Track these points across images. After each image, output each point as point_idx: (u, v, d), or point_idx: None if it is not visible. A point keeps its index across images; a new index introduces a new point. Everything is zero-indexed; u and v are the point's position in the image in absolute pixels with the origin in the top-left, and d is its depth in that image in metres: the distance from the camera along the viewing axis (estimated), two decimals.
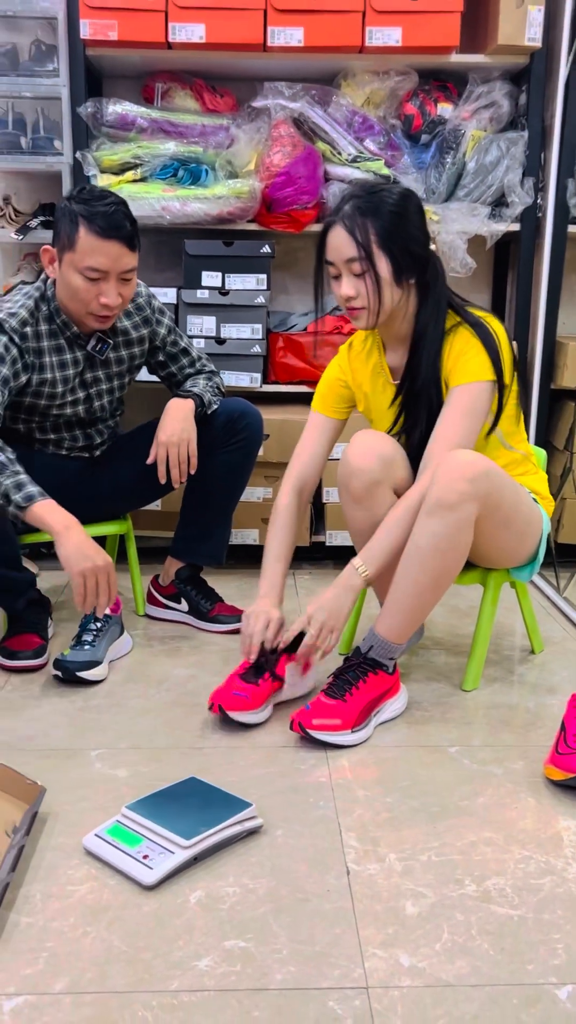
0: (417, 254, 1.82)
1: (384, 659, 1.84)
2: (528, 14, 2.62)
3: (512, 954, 1.21)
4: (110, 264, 2.01)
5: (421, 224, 1.83)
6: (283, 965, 1.19)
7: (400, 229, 1.79)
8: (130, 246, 2.03)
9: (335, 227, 1.80)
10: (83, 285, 2.02)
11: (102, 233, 1.98)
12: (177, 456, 2.18)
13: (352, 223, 1.77)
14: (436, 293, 1.86)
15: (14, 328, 2.06)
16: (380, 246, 1.78)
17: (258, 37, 2.62)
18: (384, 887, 1.35)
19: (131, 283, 2.09)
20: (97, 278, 2.02)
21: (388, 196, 1.79)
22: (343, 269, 1.81)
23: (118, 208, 2.02)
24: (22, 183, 3.03)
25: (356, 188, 1.83)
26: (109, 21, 2.60)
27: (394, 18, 2.61)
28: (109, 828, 1.45)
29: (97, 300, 2.04)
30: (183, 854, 1.37)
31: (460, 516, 1.75)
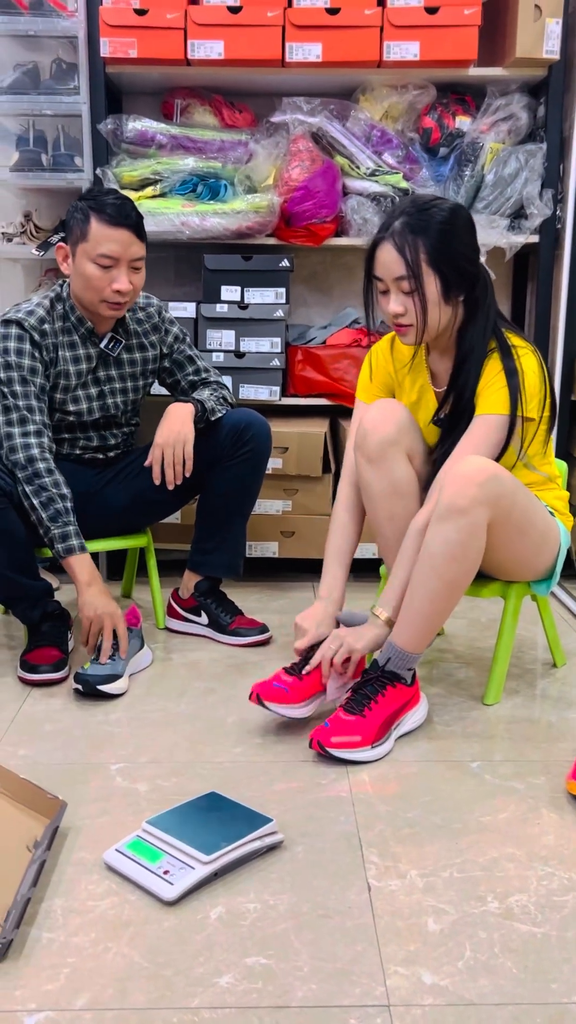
0: (466, 271, 1.82)
1: (402, 670, 1.83)
2: (546, 26, 2.62)
3: (536, 972, 1.20)
4: (121, 251, 2.11)
5: (471, 240, 1.84)
6: (304, 982, 1.18)
7: (450, 246, 1.79)
8: (138, 235, 2.15)
9: (384, 244, 1.81)
10: (97, 273, 2.13)
11: (112, 221, 2.10)
12: (172, 457, 2.20)
13: (402, 241, 1.78)
14: (485, 309, 1.87)
15: (33, 326, 2.17)
16: (430, 264, 1.78)
17: (276, 53, 2.63)
18: (406, 903, 1.34)
19: (141, 273, 2.18)
20: (109, 265, 2.12)
21: (438, 212, 1.79)
22: (392, 286, 1.82)
23: (125, 201, 2.14)
24: (43, 200, 3.06)
25: (406, 203, 1.83)
26: (129, 39, 2.62)
27: (412, 32, 2.62)
28: (129, 843, 1.45)
29: (110, 287, 2.13)
30: (203, 870, 1.37)
31: (472, 521, 1.74)
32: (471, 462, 1.76)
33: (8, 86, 2.74)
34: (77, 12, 2.66)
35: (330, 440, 2.84)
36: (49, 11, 2.67)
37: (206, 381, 2.42)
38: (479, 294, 1.85)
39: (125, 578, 2.78)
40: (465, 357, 1.88)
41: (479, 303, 1.86)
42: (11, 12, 2.67)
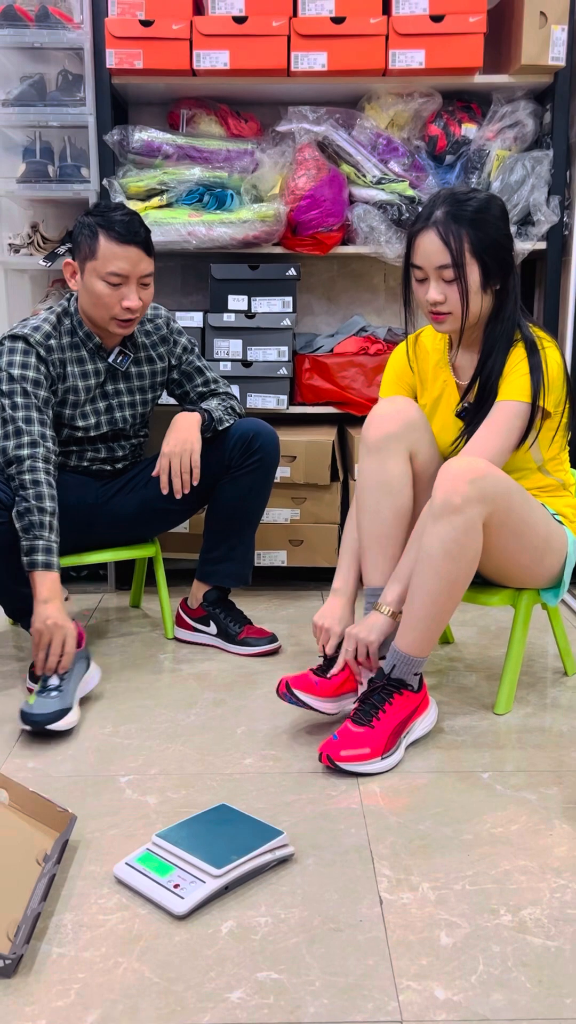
0: (505, 260, 1.86)
1: (408, 676, 1.82)
2: (551, 34, 2.62)
3: (550, 987, 1.19)
4: (130, 268, 2.11)
5: (508, 229, 1.88)
6: (316, 997, 1.17)
7: (491, 236, 1.83)
8: (147, 251, 2.14)
9: (427, 232, 1.83)
10: (106, 291, 2.12)
11: (121, 239, 2.09)
12: (179, 466, 2.20)
13: (447, 230, 1.81)
14: (512, 301, 1.89)
15: (39, 342, 2.16)
16: (473, 253, 1.82)
17: (282, 62, 2.64)
18: (418, 917, 1.33)
19: (149, 289, 2.18)
20: (119, 283, 2.12)
21: (479, 203, 1.83)
22: (432, 274, 1.84)
23: (133, 217, 2.13)
24: (50, 211, 3.07)
25: (445, 194, 1.85)
26: (134, 50, 2.63)
27: (417, 41, 2.62)
28: (140, 856, 1.44)
29: (120, 304, 2.13)
30: (214, 884, 1.36)
31: (466, 518, 1.74)
32: (464, 461, 1.78)
33: (15, 98, 2.74)
34: (83, 24, 2.67)
35: (338, 448, 2.83)
36: (55, 23, 2.68)
37: (215, 392, 2.42)
38: (512, 284, 1.88)
39: (133, 588, 2.78)
40: (492, 347, 1.89)
41: (509, 293, 1.89)
42: (17, 24, 2.68)
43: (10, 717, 2.01)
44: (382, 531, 1.92)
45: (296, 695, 1.85)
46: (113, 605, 2.81)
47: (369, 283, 3.16)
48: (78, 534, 2.32)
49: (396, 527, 1.93)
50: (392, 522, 1.92)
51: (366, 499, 1.94)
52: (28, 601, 2.16)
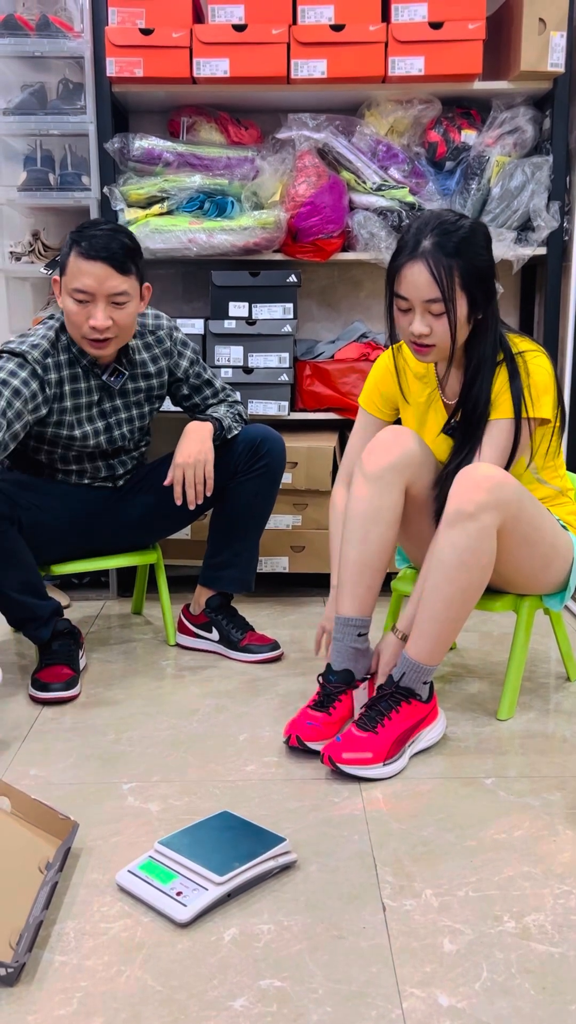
0: (490, 289, 1.82)
1: (417, 685, 1.82)
2: (551, 40, 2.63)
3: (554, 994, 1.19)
4: (95, 285, 2.03)
5: (492, 256, 1.83)
6: (319, 1005, 1.17)
7: (479, 267, 1.78)
8: (118, 268, 2.04)
9: (415, 264, 1.75)
10: (74, 308, 2.06)
11: (86, 254, 2.02)
12: (193, 477, 2.19)
13: (437, 264, 1.74)
14: (494, 322, 1.86)
15: (37, 359, 2.10)
16: (462, 287, 1.77)
17: (281, 70, 2.64)
18: (421, 923, 1.33)
19: (125, 308, 2.09)
20: (85, 300, 2.05)
21: (465, 232, 1.77)
22: (418, 307, 1.79)
23: (109, 233, 2.05)
24: (51, 219, 3.08)
25: (431, 221, 1.78)
26: (135, 59, 2.64)
27: (416, 48, 2.63)
28: (142, 864, 1.44)
29: (87, 323, 2.06)
30: (217, 891, 1.36)
31: (480, 526, 1.74)
32: (478, 469, 1.77)
33: (16, 106, 2.75)
34: (83, 33, 2.68)
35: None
36: (56, 32, 2.69)
37: (223, 400, 2.41)
38: (493, 308, 1.85)
39: (135, 595, 2.78)
40: (477, 370, 1.87)
41: (491, 318, 1.86)
42: (18, 33, 2.69)
43: (12, 724, 2.01)
44: (366, 561, 1.90)
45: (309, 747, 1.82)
46: (115, 612, 2.81)
47: (369, 289, 3.16)
48: (81, 540, 2.32)
49: (380, 558, 1.91)
50: (378, 553, 1.90)
51: (355, 527, 1.90)
52: (30, 611, 2.16)
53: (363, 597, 1.91)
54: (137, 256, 2.10)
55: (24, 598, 2.13)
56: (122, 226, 2.12)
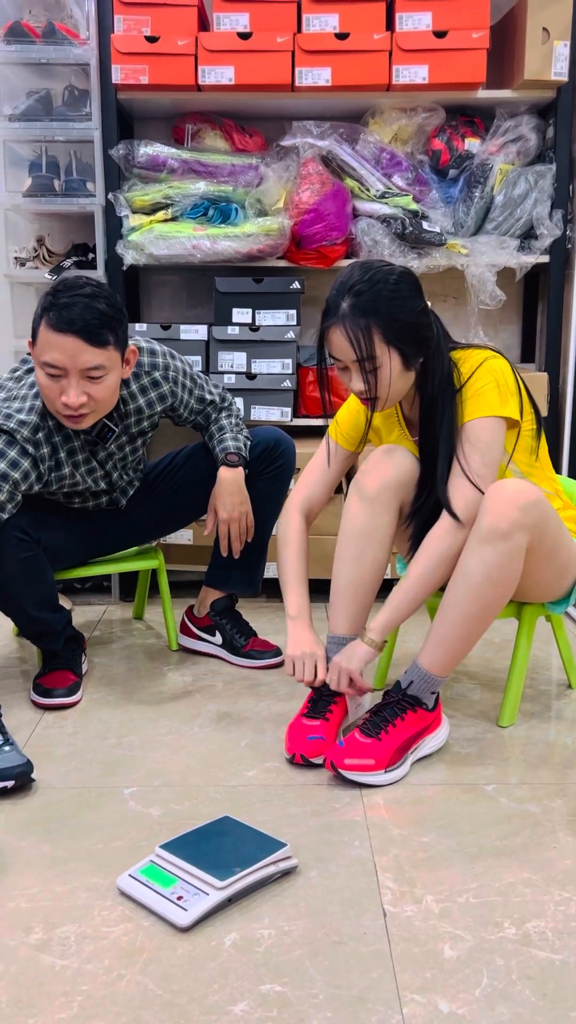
0: (423, 336, 1.76)
1: (424, 694, 1.82)
2: (554, 49, 2.64)
3: (555, 1000, 1.19)
4: (65, 360, 1.85)
5: (421, 305, 1.76)
6: (319, 1010, 1.17)
7: (404, 320, 1.72)
8: (92, 341, 1.84)
9: (336, 329, 1.72)
10: (45, 382, 1.89)
11: (55, 326, 1.83)
12: (238, 530, 2.24)
13: (354, 327, 1.69)
14: (439, 359, 1.80)
15: (27, 438, 1.96)
16: (386, 343, 1.71)
17: (286, 78, 2.66)
18: (421, 929, 1.33)
19: (103, 382, 1.90)
20: (57, 375, 1.87)
21: (387, 288, 1.71)
22: (351, 366, 1.75)
23: (81, 300, 1.84)
24: (56, 224, 3.09)
25: (349, 279, 1.72)
26: (140, 66, 2.65)
27: (420, 56, 2.64)
28: (143, 868, 1.44)
29: (60, 399, 1.89)
30: (217, 896, 1.36)
31: (512, 545, 1.72)
32: (513, 485, 1.73)
33: (21, 113, 2.77)
34: (89, 40, 2.70)
35: None
36: (61, 39, 2.70)
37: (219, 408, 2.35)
38: (434, 349, 1.79)
39: (137, 599, 2.78)
40: (430, 408, 1.82)
41: (433, 358, 1.80)
42: (24, 40, 2.70)
43: (14, 728, 2.01)
44: (359, 580, 1.90)
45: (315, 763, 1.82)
46: (117, 617, 2.81)
47: None
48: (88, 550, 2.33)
49: (374, 578, 1.91)
50: (371, 573, 1.90)
51: (349, 545, 1.90)
52: (47, 626, 2.15)
53: (356, 616, 1.92)
54: (116, 324, 1.89)
55: (43, 614, 2.13)
56: (101, 289, 1.90)
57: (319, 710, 1.88)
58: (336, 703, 1.89)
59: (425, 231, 2.72)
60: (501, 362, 1.82)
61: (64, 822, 1.63)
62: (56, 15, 2.81)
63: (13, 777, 1.71)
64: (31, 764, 1.74)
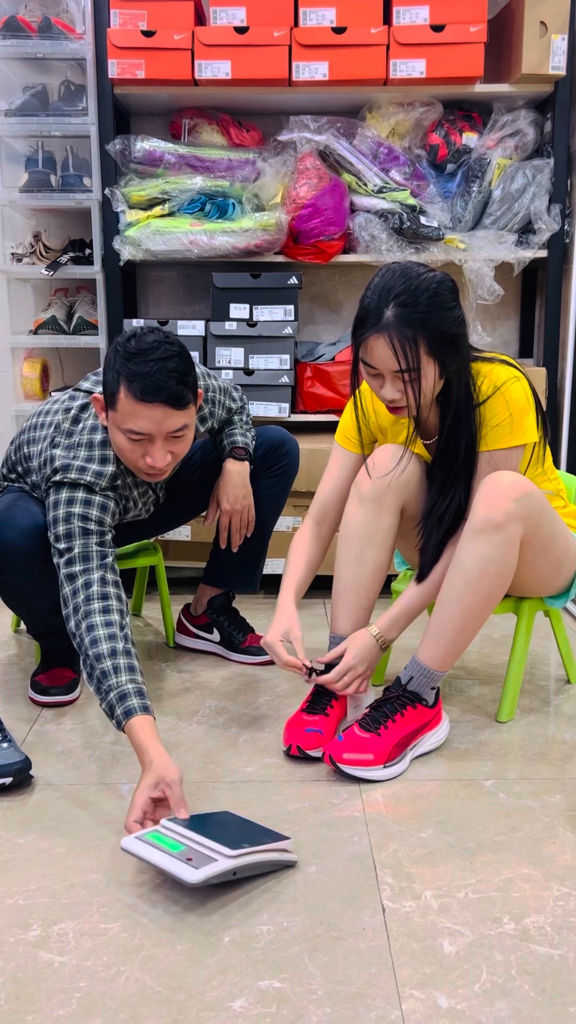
0: (460, 346, 1.73)
1: (424, 690, 1.82)
2: (552, 43, 2.63)
3: (554, 996, 1.18)
4: (153, 428, 1.80)
5: (460, 314, 1.73)
6: (319, 1006, 1.17)
7: (446, 330, 1.69)
8: (176, 405, 1.79)
9: (379, 337, 1.67)
10: (127, 445, 1.84)
11: (141, 397, 1.76)
12: (239, 523, 2.23)
13: (401, 338, 1.65)
14: (466, 366, 1.78)
15: (105, 488, 1.91)
16: (429, 354, 1.69)
17: (283, 72, 2.65)
18: (420, 925, 1.33)
19: (184, 438, 1.87)
20: (140, 440, 1.82)
21: (431, 296, 1.67)
22: (387, 375, 1.71)
23: (163, 365, 1.77)
24: (52, 220, 3.08)
25: (394, 285, 1.67)
26: (137, 60, 2.64)
27: (418, 50, 2.63)
28: (149, 833, 1.44)
29: (144, 460, 1.85)
30: (227, 863, 1.36)
31: (507, 536, 1.73)
32: (507, 478, 1.74)
33: (17, 108, 2.76)
34: (85, 34, 2.69)
35: None
36: (57, 33, 2.69)
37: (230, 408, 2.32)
38: (464, 354, 1.76)
39: (135, 595, 2.78)
40: (456, 417, 1.80)
41: (462, 368, 1.78)
42: (20, 35, 2.70)
43: (12, 725, 2.01)
44: (360, 582, 1.90)
45: (311, 756, 1.82)
46: None
47: None
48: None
49: (374, 579, 1.91)
50: (372, 574, 1.90)
51: (350, 547, 1.90)
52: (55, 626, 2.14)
53: (358, 617, 1.92)
54: (192, 380, 1.83)
55: (55, 617, 2.12)
56: (171, 342, 1.81)
57: (319, 706, 1.88)
58: (337, 699, 1.89)
59: (423, 226, 2.71)
60: (517, 388, 1.77)
61: (62, 819, 1.63)
62: (52, 9, 2.80)
63: (11, 774, 1.70)
64: (29, 761, 1.74)
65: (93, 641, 1.69)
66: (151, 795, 1.52)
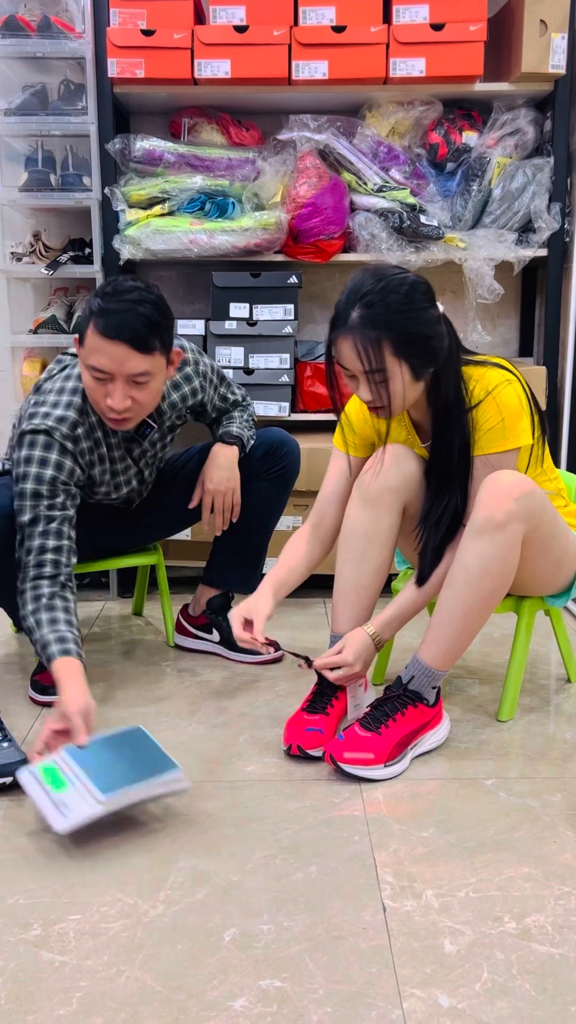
0: (434, 348, 1.71)
1: (426, 689, 1.82)
2: (552, 41, 2.63)
3: (554, 995, 1.18)
4: (113, 366, 1.85)
5: (433, 315, 1.71)
6: (319, 1006, 1.17)
7: (415, 331, 1.67)
8: (140, 348, 1.84)
9: (346, 340, 1.67)
10: (91, 384, 1.90)
11: (104, 332, 1.82)
12: (222, 504, 2.21)
13: (364, 339, 1.65)
14: (452, 369, 1.77)
15: (65, 435, 1.96)
16: (396, 355, 1.67)
17: (283, 71, 2.65)
18: (421, 924, 1.33)
19: (148, 387, 1.90)
20: (103, 379, 1.87)
21: (399, 298, 1.66)
22: (359, 376, 1.71)
23: (133, 307, 1.83)
24: (52, 219, 3.08)
25: (361, 286, 1.67)
26: (136, 60, 2.64)
27: (418, 49, 2.63)
28: (45, 766, 1.59)
29: (105, 401, 1.90)
30: (96, 809, 1.50)
31: (508, 536, 1.73)
32: (506, 477, 1.74)
33: (17, 107, 2.76)
34: (85, 33, 2.68)
35: None
36: (57, 33, 2.69)
37: (235, 403, 2.35)
38: (445, 360, 1.75)
39: (136, 595, 2.78)
40: (444, 419, 1.80)
41: (445, 370, 1.76)
42: (19, 34, 2.69)
43: (12, 725, 2.01)
44: (361, 582, 1.91)
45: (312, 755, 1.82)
46: (115, 613, 2.81)
47: None
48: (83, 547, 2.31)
49: (375, 579, 1.91)
50: (373, 574, 1.90)
51: (352, 547, 1.90)
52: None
53: (358, 617, 1.92)
54: (163, 329, 1.88)
55: None
56: (151, 292, 1.88)
57: (320, 705, 1.88)
58: (337, 698, 1.89)
59: (423, 225, 2.71)
60: (509, 392, 1.76)
61: None
62: (51, 9, 2.80)
63: (11, 774, 1.70)
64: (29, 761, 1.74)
65: (23, 603, 1.88)
66: (53, 727, 1.67)
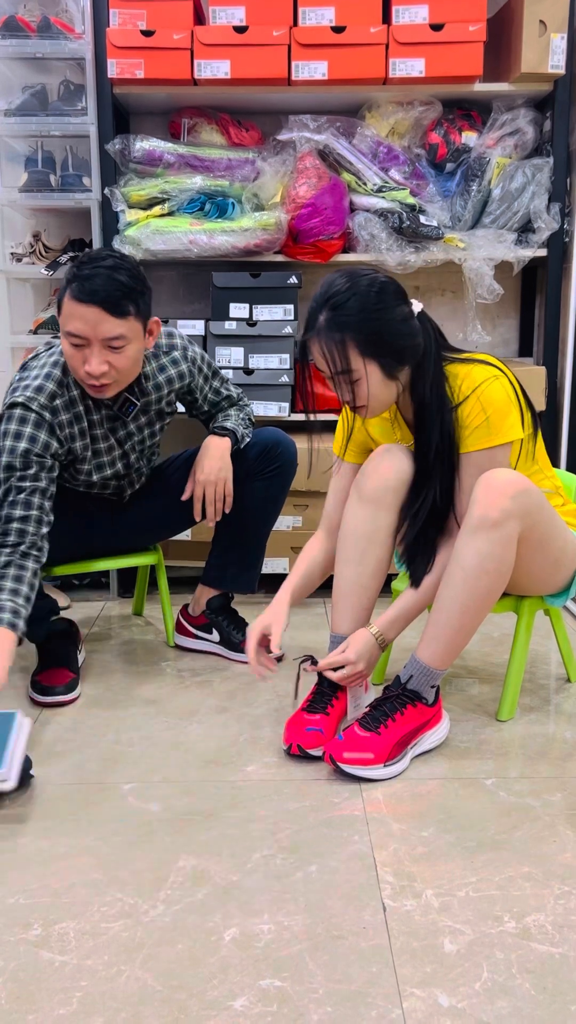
0: (404, 346, 1.73)
1: (424, 688, 1.82)
2: (551, 42, 2.63)
3: (554, 994, 1.18)
4: (88, 330, 1.88)
5: (402, 314, 1.73)
6: (319, 1005, 1.17)
7: (380, 332, 1.69)
8: (113, 311, 1.87)
9: (313, 343, 1.72)
10: (70, 351, 1.93)
11: (79, 297, 1.86)
12: (213, 494, 2.20)
13: (329, 341, 1.69)
14: (430, 365, 1.78)
15: (43, 405, 2.00)
16: (363, 355, 1.70)
17: (282, 72, 2.65)
18: (421, 924, 1.33)
19: (124, 352, 1.93)
20: (79, 344, 1.90)
21: (362, 299, 1.68)
22: (333, 377, 1.75)
23: (104, 272, 1.87)
24: (52, 219, 3.08)
25: (327, 291, 1.71)
26: (136, 60, 2.64)
27: (417, 49, 2.63)
28: None
29: (83, 368, 1.93)
30: None
31: (504, 534, 1.73)
32: (501, 475, 1.74)
33: (17, 108, 2.76)
34: (84, 34, 2.69)
35: None
36: (56, 33, 2.69)
37: (232, 403, 2.36)
38: (422, 356, 1.77)
39: (136, 595, 2.78)
40: (422, 416, 1.81)
41: (421, 366, 1.78)
42: (19, 35, 2.69)
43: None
44: (361, 582, 1.91)
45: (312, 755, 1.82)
46: (115, 613, 2.81)
47: None
48: (81, 544, 2.32)
49: (375, 579, 1.91)
50: (373, 573, 1.91)
51: (351, 546, 1.90)
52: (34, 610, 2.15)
53: (359, 617, 1.92)
54: (137, 295, 1.91)
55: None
56: (124, 260, 1.93)
57: (320, 705, 1.88)
58: (338, 698, 1.89)
59: (422, 225, 2.71)
60: (496, 388, 1.76)
61: (63, 818, 1.63)
62: (51, 9, 2.80)
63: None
64: (30, 761, 1.74)
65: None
66: None
